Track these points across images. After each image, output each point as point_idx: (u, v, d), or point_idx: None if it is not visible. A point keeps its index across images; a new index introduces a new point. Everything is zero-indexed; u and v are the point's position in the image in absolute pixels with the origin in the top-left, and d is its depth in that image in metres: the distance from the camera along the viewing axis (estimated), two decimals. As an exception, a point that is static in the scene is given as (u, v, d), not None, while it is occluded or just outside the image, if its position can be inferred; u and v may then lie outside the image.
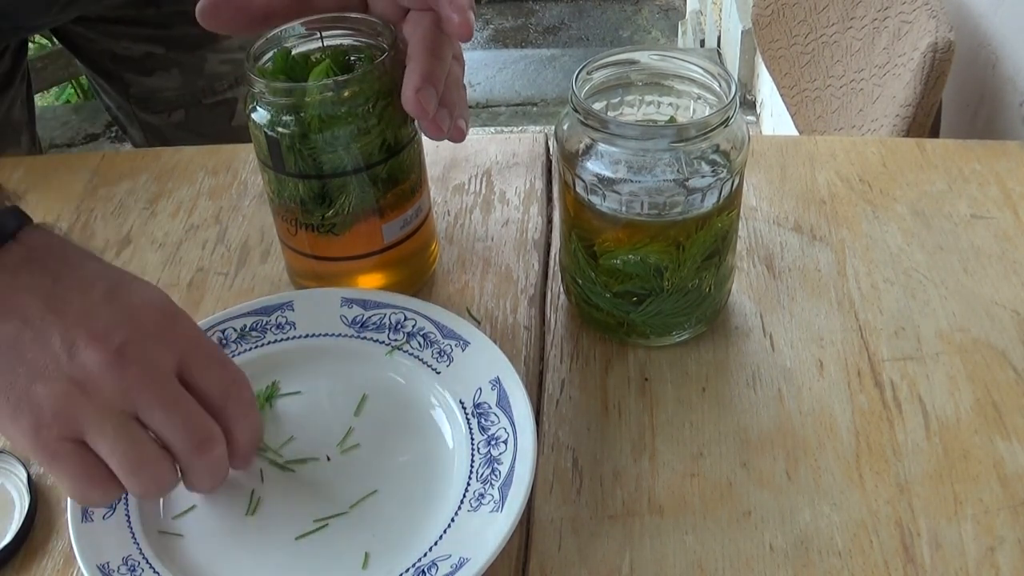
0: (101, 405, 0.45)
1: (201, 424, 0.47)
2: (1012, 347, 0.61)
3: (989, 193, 0.72)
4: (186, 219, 0.75)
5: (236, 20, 0.60)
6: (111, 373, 0.45)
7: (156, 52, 0.97)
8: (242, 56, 1.00)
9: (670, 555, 0.52)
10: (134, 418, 0.46)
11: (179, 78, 0.99)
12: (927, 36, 0.96)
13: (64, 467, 0.45)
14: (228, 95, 1.02)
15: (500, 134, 1.11)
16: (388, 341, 0.61)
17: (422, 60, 0.55)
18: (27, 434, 0.44)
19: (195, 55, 0.98)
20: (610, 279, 0.59)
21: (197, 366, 0.48)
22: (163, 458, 0.46)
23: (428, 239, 0.67)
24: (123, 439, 0.45)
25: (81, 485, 0.46)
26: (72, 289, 0.46)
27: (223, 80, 1.00)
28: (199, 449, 0.47)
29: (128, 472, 0.46)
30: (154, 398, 0.46)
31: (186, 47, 0.97)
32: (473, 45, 3.50)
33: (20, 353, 0.45)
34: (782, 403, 0.59)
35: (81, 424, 0.45)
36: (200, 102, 1.01)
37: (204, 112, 1.02)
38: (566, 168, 0.57)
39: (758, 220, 0.71)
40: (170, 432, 0.46)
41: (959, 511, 0.53)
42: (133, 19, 0.95)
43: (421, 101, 0.54)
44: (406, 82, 0.55)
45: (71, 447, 0.45)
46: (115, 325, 0.46)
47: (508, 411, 0.55)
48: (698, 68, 0.57)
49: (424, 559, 0.50)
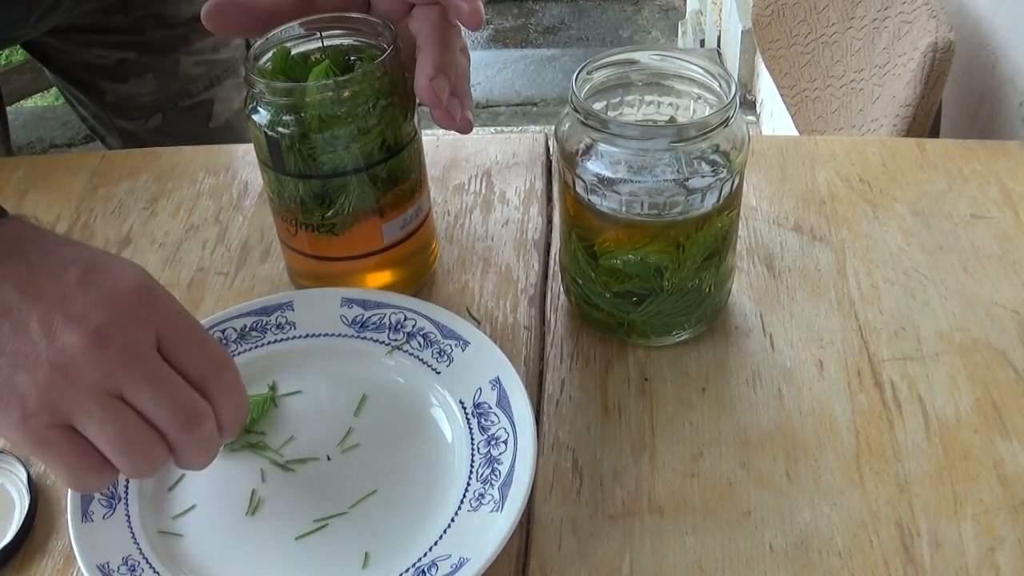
0: (85, 388, 0.44)
1: (188, 400, 0.46)
2: (1012, 347, 0.61)
3: (989, 193, 0.72)
4: (186, 219, 0.75)
5: (241, 22, 0.60)
6: (92, 354, 0.44)
7: (129, 58, 0.97)
8: (215, 57, 1.01)
9: (670, 555, 0.52)
10: (119, 398, 0.45)
11: (153, 83, 0.98)
12: (927, 36, 0.96)
13: (56, 455, 0.45)
14: (203, 97, 1.01)
15: (500, 134, 1.11)
16: (388, 341, 0.61)
17: (433, 50, 0.56)
18: (16, 425, 0.44)
19: (168, 58, 0.98)
20: (610, 279, 0.59)
21: (178, 343, 0.47)
22: (152, 436, 0.46)
23: (428, 239, 0.67)
24: (110, 420, 0.45)
25: (75, 472, 0.45)
26: (46, 275, 0.46)
27: (198, 82, 1.00)
28: (187, 425, 0.46)
29: (119, 452, 0.45)
30: (138, 376, 0.45)
31: (159, 51, 0.97)
32: (473, 45, 3.50)
33: (0, 344, 0.44)
34: (782, 403, 0.59)
35: (67, 409, 0.44)
36: (176, 105, 1.01)
37: (181, 115, 1.01)
38: (566, 168, 0.57)
39: (758, 220, 0.71)
40: (157, 409, 0.46)
41: (959, 511, 0.53)
42: (103, 26, 0.95)
43: (435, 89, 0.55)
44: (419, 71, 0.56)
45: (60, 433, 0.44)
46: (92, 306, 0.45)
47: (508, 411, 0.55)
48: (698, 68, 0.57)
49: (424, 559, 0.50)
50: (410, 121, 0.60)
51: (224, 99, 1.02)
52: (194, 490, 0.55)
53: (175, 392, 0.46)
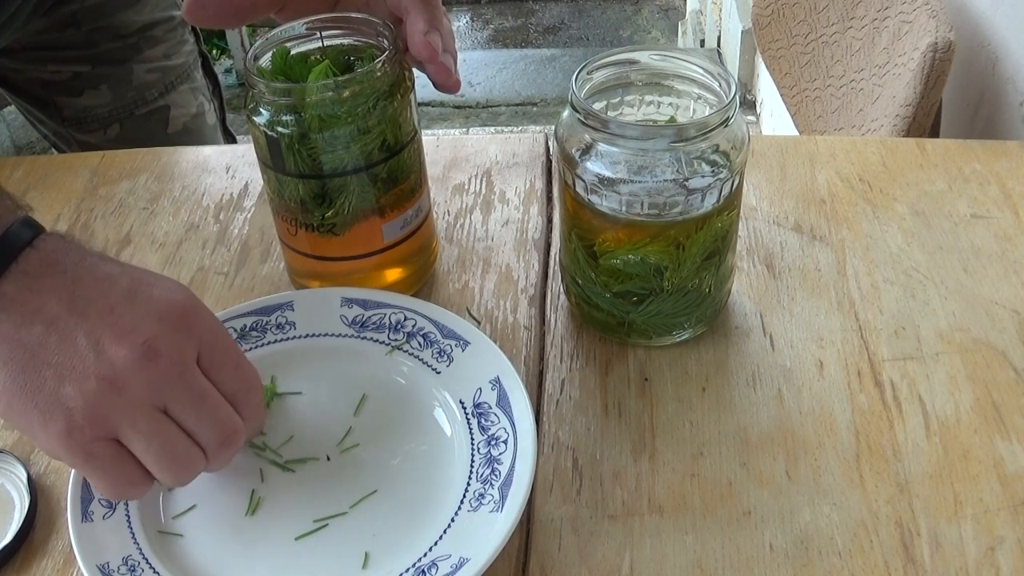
0: (132, 401, 0.45)
1: (228, 418, 0.48)
2: (1012, 347, 0.61)
3: (989, 193, 0.72)
4: (186, 219, 0.75)
5: (220, 14, 0.61)
6: (140, 369, 0.45)
7: (83, 71, 0.98)
8: (168, 63, 1.02)
9: (670, 555, 0.52)
10: (163, 411, 0.46)
11: (108, 94, 0.99)
12: (927, 36, 0.96)
13: (101, 468, 0.46)
14: (159, 103, 1.02)
15: (500, 134, 1.11)
16: (388, 341, 0.61)
17: (421, 9, 0.57)
18: (60, 437, 0.44)
19: (122, 68, 0.99)
20: (610, 279, 0.59)
21: (215, 361, 0.48)
22: (194, 450, 0.47)
23: (428, 239, 0.67)
24: (157, 435, 0.46)
25: (118, 485, 0.46)
26: (93, 289, 0.46)
27: (152, 89, 1.01)
28: (227, 442, 0.48)
29: (164, 466, 0.46)
30: (184, 392, 0.46)
31: (112, 62, 0.98)
32: (473, 45, 3.50)
33: (46, 356, 0.45)
34: (782, 403, 0.59)
35: (113, 422, 0.45)
36: (133, 114, 1.01)
37: (138, 123, 1.02)
38: (566, 168, 0.57)
39: (758, 220, 0.71)
40: (199, 425, 0.47)
41: (959, 511, 0.53)
42: (56, 43, 0.95)
43: (431, 43, 0.57)
44: (410, 29, 0.57)
45: (105, 446, 0.45)
46: (140, 321, 0.46)
47: (508, 411, 0.55)
48: (698, 68, 0.57)
49: (424, 559, 0.50)
50: (410, 121, 0.60)
51: (180, 104, 1.03)
52: (194, 490, 0.55)
53: (217, 409, 0.48)
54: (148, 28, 0.99)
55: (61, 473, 0.57)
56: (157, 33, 0.99)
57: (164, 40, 1.00)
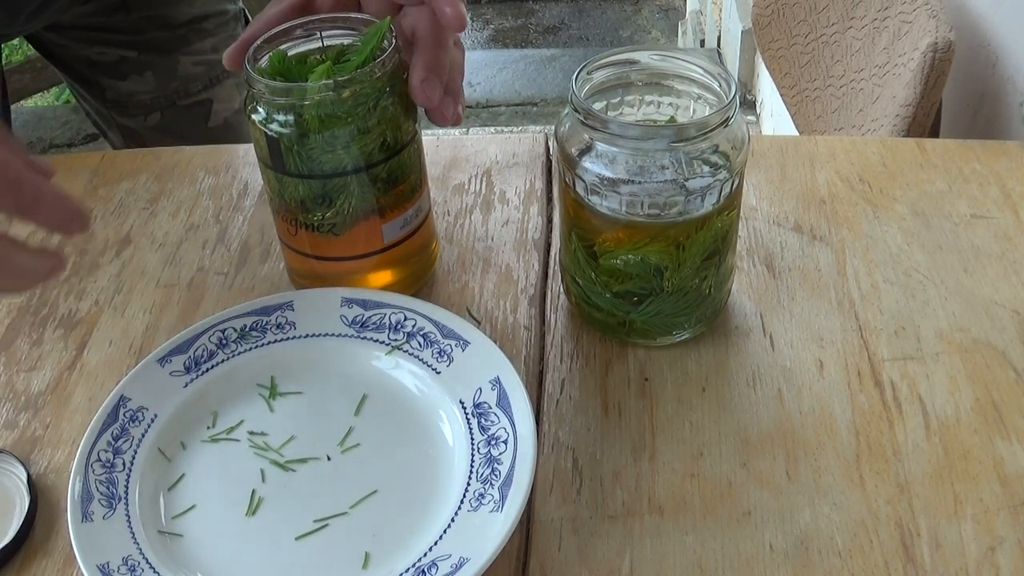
0: None
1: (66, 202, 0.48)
2: (1012, 347, 0.61)
3: (989, 193, 0.72)
4: (186, 219, 0.75)
5: None
6: None
7: (129, 56, 0.98)
8: (215, 57, 1.01)
9: (670, 555, 0.52)
10: None
11: (153, 81, 0.99)
12: (927, 36, 0.96)
13: None
14: (202, 96, 1.02)
15: (500, 134, 1.11)
16: (388, 341, 0.61)
17: (426, 52, 0.58)
18: None
19: (168, 58, 0.99)
20: (610, 279, 0.59)
21: None
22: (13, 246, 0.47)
23: (428, 239, 0.67)
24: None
25: None
26: None
27: (197, 82, 1.01)
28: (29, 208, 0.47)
29: None
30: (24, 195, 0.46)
31: (159, 50, 0.98)
32: (473, 45, 3.50)
33: None
34: (782, 403, 0.59)
35: None
36: (175, 104, 1.01)
37: (180, 114, 1.02)
38: (566, 168, 0.57)
39: (758, 220, 0.71)
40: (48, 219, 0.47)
41: (959, 511, 0.53)
42: (104, 25, 0.96)
43: (426, 91, 0.57)
44: (412, 73, 0.58)
45: None
46: None
47: (508, 411, 0.55)
48: (698, 68, 0.57)
49: (424, 559, 0.50)
50: (410, 121, 0.60)
51: (223, 99, 1.03)
52: (194, 490, 0.55)
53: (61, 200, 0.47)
54: (199, 20, 0.98)
55: (61, 473, 0.57)
56: (208, 26, 0.99)
57: (214, 34, 1.00)
